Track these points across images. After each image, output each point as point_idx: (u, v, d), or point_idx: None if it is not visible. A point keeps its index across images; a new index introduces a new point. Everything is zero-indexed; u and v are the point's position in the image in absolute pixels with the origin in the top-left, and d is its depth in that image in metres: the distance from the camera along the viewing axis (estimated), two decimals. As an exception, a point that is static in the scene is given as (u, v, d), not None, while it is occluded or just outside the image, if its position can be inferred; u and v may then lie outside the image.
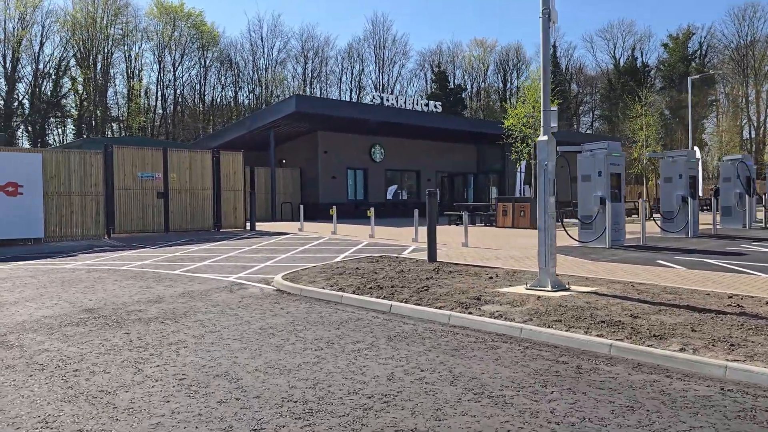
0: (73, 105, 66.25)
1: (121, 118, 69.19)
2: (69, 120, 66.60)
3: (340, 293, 8.24)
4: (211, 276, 10.51)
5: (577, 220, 13.99)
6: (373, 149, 32.21)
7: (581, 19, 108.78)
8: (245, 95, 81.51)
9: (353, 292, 8.22)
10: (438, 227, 22.07)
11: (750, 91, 67.58)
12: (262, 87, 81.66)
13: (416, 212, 15.83)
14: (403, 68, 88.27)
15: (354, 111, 28.46)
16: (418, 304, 7.32)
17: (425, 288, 8.25)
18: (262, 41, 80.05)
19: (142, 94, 70.51)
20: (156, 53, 70.30)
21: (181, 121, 72.13)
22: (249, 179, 25.04)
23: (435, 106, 32.08)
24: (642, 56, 77.92)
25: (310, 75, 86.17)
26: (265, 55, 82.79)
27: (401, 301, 7.53)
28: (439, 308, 7.06)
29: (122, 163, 18.00)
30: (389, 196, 33.72)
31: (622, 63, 78.32)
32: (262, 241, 16.44)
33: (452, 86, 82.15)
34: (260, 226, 21.71)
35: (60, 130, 67.06)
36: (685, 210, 16.16)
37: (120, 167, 17.98)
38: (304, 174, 31.02)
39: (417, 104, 31.53)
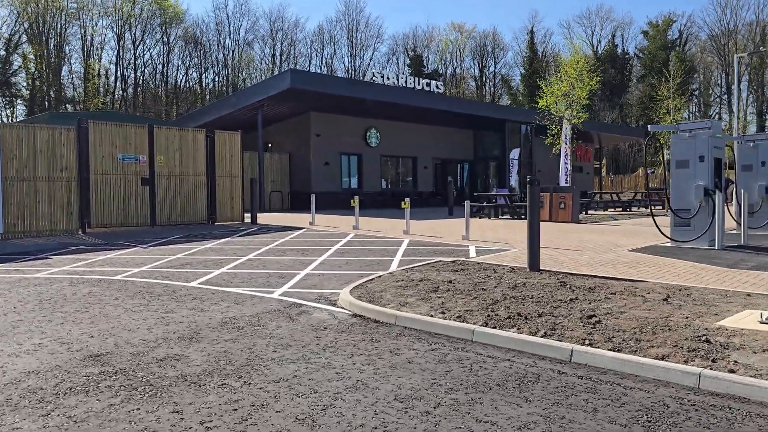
0: (24, 84, 61.22)
1: (77, 99, 64.35)
2: (20, 100, 61.54)
3: (466, 325, 5.64)
4: (245, 291, 7.76)
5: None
6: (368, 133, 29.47)
7: (559, 4, 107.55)
8: (211, 78, 77.56)
9: (486, 324, 5.64)
10: (458, 220, 19.62)
11: (732, 80, 67.05)
12: (228, 69, 77.84)
13: (467, 204, 13.27)
14: (376, 52, 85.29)
15: (353, 89, 25.68)
16: (618, 350, 4.79)
17: (590, 318, 5.71)
18: (228, 20, 76.12)
19: (100, 74, 65.84)
20: (115, 30, 65.71)
21: (142, 105, 67.69)
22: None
23: (437, 86, 29.51)
24: (622, 43, 76.88)
25: (279, 58, 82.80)
26: (232, 35, 78.83)
27: (580, 342, 5.00)
28: (662, 358, 4.55)
29: (100, 142, 14.85)
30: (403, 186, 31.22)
31: (600, 50, 77.14)
32: (276, 239, 13.64)
33: (428, 71, 79.66)
34: (259, 218, 18.83)
35: (9, 111, 61.91)
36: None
37: (97, 147, 14.83)
38: (294, 160, 28.10)
39: (418, 84, 28.90)
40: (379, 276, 8.36)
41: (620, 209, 25.62)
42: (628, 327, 5.41)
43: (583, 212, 21.00)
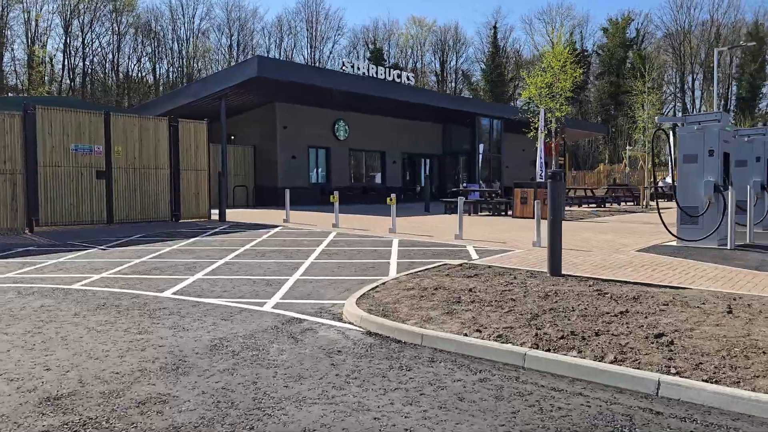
0: (-38, 71, 57.50)
1: (20, 88, 60.88)
2: (-44, 88, 57.77)
3: (514, 348, 4.68)
4: (231, 303, 6.62)
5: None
6: (336, 125, 28.29)
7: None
8: (165, 68, 74.83)
9: (536, 346, 4.69)
10: (439, 217, 18.88)
11: (687, 78, 68.50)
12: (183, 59, 75.26)
13: (460, 201, 12.33)
14: (336, 45, 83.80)
15: (324, 79, 24.43)
16: (716, 382, 3.91)
17: (658, 337, 4.82)
18: (182, 7, 73.57)
19: (45, 61, 62.46)
20: (62, 16, 62.43)
21: (91, 95, 64.57)
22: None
23: (408, 78, 28.54)
24: (581, 41, 77.53)
25: (236, 48, 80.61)
26: (186, 24, 76.23)
27: (663, 370, 4.10)
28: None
29: (49, 130, 13.29)
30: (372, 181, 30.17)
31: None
32: (252, 239, 12.43)
33: (388, 65, 78.67)
34: (226, 215, 17.50)
35: (-55, 100, 58.01)
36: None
37: (46, 136, 13.27)
38: (259, 153, 26.70)
39: (389, 74, 27.86)
40: (383, 283, 7.33)
41: (594, 205, 25.21)
42: (710, 349, 4.53)
43: (562, 208, 20.39)
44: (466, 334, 5.08)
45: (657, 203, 10.59)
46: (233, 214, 18.14)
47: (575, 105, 74.54)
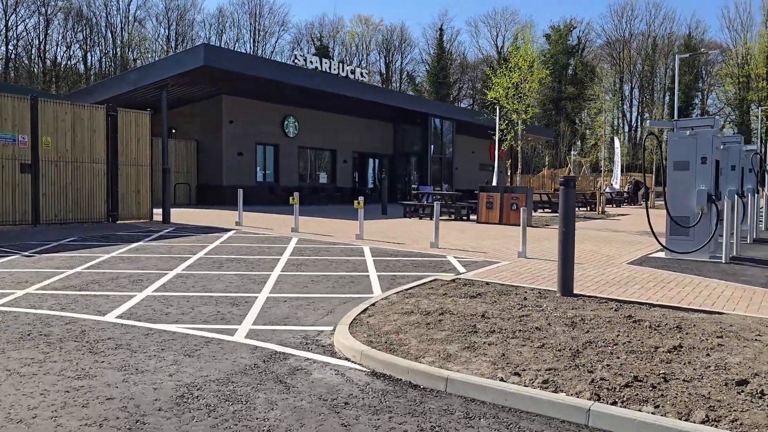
0: None
1: (-67, 72, 56.18)
2: None
3: (575, 401, 3.72)
4: (193, 331, 5.39)
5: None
6: (286, 122, 26.89)
7: (467, 2, 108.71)
8: (97, 56, 70.99)
9: (598, 397, 3.75)
10: (399, 221, 17.83)
11: (625, 87, 70.35)
12: (117, 48, 71.62)
13: (436, 205, 11.34)
14: (280, 40, 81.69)
15: (275, 71, 22.98)
16: None
17: (741, 384, 3.96)
18: (117, -7, 70.03)
19: (-36, 44, 57.92)
20: (-17, -4, 58.03)
21: (15, 82, 60.24)
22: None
23: (362, 74, 27.45)
24: (525, 45, 78.37)
25: (174, 39, 77.47)
26: (121, 11, 72.67)
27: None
28: None
29: (-37, 116, 11.49)
30: (322, 181, 28.91)
31: (505, 51, 78.34)
32: (204, 245, 11.06)
33: (323, 69, 77.30)
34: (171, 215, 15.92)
35: None
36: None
37: (-41, 123, 11.47)
38: (203, 148, 24.99)
39: (342, 70, 26.69)
40: (373, 304, 6.25)
41: (549, 210, 24.87)
42: (812, 401, 3.70)
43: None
44: (502, 379, 4.08)
45: (648, 211, 9.92)
46: (177, 215, 16.57)
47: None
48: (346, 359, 4.73)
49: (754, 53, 64.66)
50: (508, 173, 36.66)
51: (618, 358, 4.49)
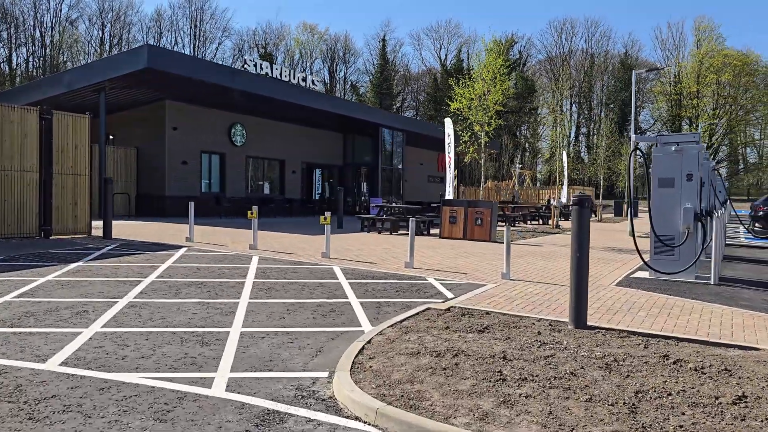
0: None
1: None
2: None
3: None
4: (159, 382, 4.39)
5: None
6: (233, 129, 25.62)
7: (410, 14, 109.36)
8: (24, 57, 67.19)
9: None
10: (358, 236, 16.90)
11: (564, 102, 71.99)
12: (47, 49, 68.01)
13: (412, 222, 10.54)
14: (222, 45, 79.50)
15: (224, 77, 21.73)
16: None
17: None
18: (48, -9, 66.57)
19: None
20: None
21: (-69, 81, 56.20)
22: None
23: (313, 82, 26.53)
24: (468, 59, 79.37)
25: (109, 41, 74.34)
26: (52, 11, 68.98)
27: None
28: None
29: None
30: (271, 192, 27.64)
31: (449, 64, 78.98)
32: (154, 265, 9.87)
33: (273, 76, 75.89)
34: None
35: None
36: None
37: None
38: (143, 156, 23.41)
39: (293, 77, 25.69)
40: (369, 341, 5.41)
41: (503, 224, 24.58)
42: None
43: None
44: (563, 449, 3.33)
45: (633, 230, 9.47)
46: (118, 229, 15.16)
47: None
48: (357, 419, 3.88)
49: (686, 72, 67.59)
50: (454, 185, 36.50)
51: (683, 414, 3.82)
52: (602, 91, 72.61)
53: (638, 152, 10.01)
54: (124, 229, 15.89)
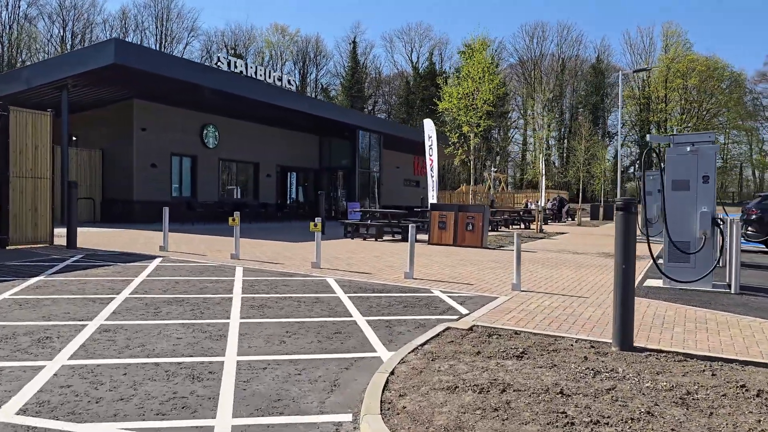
0: None
1: None
2: None
3: None
4: (149, 436, 3.50)
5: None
6: (205, 131, 24.50)
7: (381, 17, 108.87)
8: (-21, 54, 64.65)
9: None
10: (344, 243, 15.95)
11: (536, 106, 72.16)
12: (4, 46, 65.54)
13: (411, 228, 9.74)
14: (189, 46, 77.65)
15: (197, 74, 20.63)
16: None
17: None
18: (6, -12, 64.17)
19: None
20: None
21: None
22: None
23: (289, 82, 25.57)
24: (441, 62, 79.17)
25: (70, 40, 72.03)
26: (9, 7, 66.46)
27: None
28: None
29: None
30: (245, 196, 26.54)
31: (421, 67, 78.58)
32: (126, 279, 8.86)
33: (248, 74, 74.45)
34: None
35: None
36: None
37: None
38: (109, 158, 22.14)
39: (269, 76, 24.70)
40: (392, 372, 4.58)
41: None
42: None
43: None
44: None
45: (648, 236, 8.84)
46: (83, 237, 14.01)
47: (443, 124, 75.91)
48: (402, 482, 3.06)
49: (654, 76, 68.42)
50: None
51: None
52: (573, 96, 73.05)
53: (653, 153, 9.39)
54: (89, 237, 14.73)
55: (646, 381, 4.43)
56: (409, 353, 5.11)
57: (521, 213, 26.75)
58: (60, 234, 13.29)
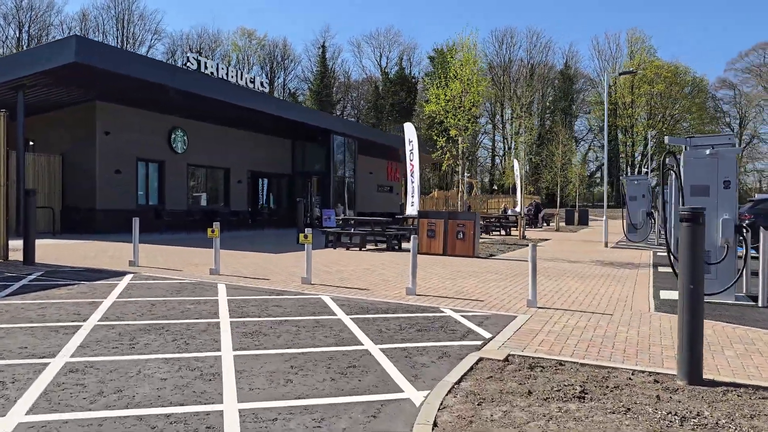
0: None
1: None
2: None
3: None
4: None
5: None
6: (173, 135, 23.26)
7: (349, 21, 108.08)
8: (-74, 55, 61.59)
9: None
10: (326, 253, 14.91)
11: (506, 112, 72.33)
12: (-47, 48, 62.77)
13: (413, 238, 8.90)
14: (152, 49, 75.45)
15: (164, 73, 19.43)
16: None
17: None
18: (-44, -14, 61.52)
19: None
20: None
21: None
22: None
23: (262, 84, 24.52)
24: (410, 67, 78.78)
25: (27, 42, 69.48)
26: (-40, 8, 63.78)
27: None
28: None
29: None
30: (213, 203, 25.28)
31: (391, 72, 78.01)
32: (94, 302, 7.79)
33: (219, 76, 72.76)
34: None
35: None
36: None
37: None
38: (70, 164, 20.75)
39: (241, 78, 23.62)
40: (436, 424, 3.74)
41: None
42: None
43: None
44: None
45: (668, 245, 8.18)
46: (42, 250, 12.78)
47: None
48: None
49: (620, 82, 69.19)
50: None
51: None
52: (541, 101, 73.38)
53: (672, 156, 8.76)
54: (49, 250, 13.49)
55: (743, 427, 3.68)
56: (446, 395, 4.26)
57: (500, 219, 26.17)
58: (15, 248, 12.07)
